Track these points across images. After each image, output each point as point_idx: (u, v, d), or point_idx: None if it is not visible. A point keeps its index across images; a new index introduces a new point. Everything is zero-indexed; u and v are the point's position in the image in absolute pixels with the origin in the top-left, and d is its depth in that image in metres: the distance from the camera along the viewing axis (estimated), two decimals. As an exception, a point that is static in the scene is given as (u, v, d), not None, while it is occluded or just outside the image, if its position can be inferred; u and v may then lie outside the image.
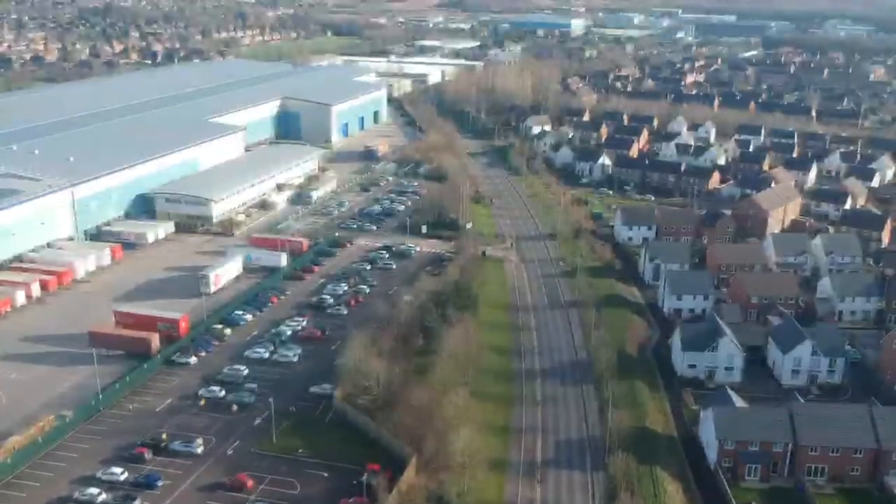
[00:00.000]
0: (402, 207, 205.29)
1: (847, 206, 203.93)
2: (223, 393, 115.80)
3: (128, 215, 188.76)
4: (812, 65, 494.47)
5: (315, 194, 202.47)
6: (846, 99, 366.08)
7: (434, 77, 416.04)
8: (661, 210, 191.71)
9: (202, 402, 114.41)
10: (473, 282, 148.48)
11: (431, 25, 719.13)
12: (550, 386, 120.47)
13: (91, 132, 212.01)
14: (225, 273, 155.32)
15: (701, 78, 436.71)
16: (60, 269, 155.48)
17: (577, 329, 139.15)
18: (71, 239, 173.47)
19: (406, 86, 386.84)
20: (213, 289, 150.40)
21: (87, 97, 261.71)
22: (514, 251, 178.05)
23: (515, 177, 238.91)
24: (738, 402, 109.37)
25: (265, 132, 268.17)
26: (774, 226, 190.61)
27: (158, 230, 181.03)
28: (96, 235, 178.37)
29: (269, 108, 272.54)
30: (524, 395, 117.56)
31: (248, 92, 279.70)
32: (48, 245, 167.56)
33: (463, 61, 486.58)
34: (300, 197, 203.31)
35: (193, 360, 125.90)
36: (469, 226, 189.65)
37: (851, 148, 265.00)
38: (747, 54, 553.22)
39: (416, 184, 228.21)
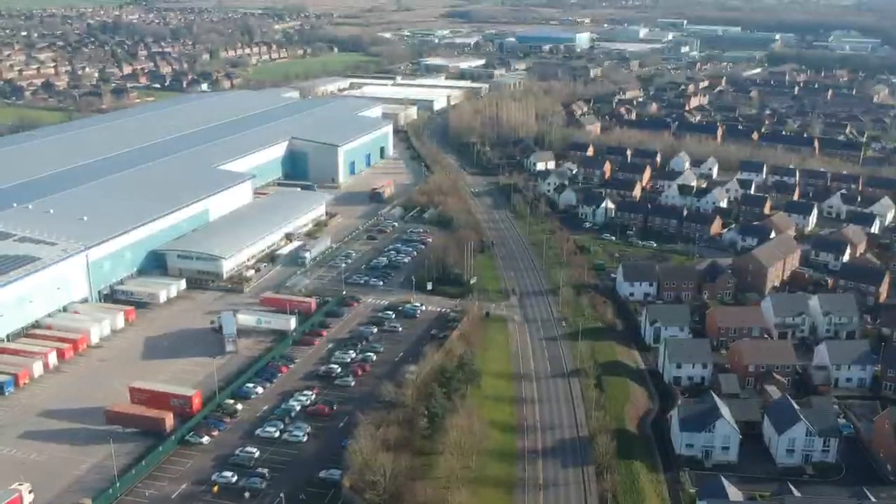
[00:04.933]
0: (407, 259, 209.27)
1: (846, 257, 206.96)
2: (235, 478, 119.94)
3: (140, 272, 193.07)
4: (816, 85, 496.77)
5: (309, 255, 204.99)
6: (849, 126, 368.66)
7: (440, 102, 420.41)
8: (661, 267, 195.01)
9: (215, 489, 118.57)
10: (476, 353, 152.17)
11: (437, 41, 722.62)
12: (552, 468, 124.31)
13: (103, 186, 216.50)
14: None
15: (705, 101, 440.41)
16: (76, 337, 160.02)
17: (578, 402, 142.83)
18: (85, 300, 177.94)
19: (412, 113, 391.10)
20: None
21: (98, 141, 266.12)
22: (518, 309, 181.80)
23: (519, 220, 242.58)
24: (732, 491, 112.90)
25: (274, 174, 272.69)
26: (774, 278, 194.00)
27: (171, 288, 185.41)
28: (109, 295, 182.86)
29: (278, 150, 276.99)
30: (526, 478, 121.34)
31: (257, 133, 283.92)
32: (64, 309, 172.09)
33: (468, 83, 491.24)
34: (296, 258, 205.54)
35: (206, 439, 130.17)
36: (474, 280, 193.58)
37: (853, 187, 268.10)
38: (751, 73, 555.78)
39: (421, 230, 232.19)
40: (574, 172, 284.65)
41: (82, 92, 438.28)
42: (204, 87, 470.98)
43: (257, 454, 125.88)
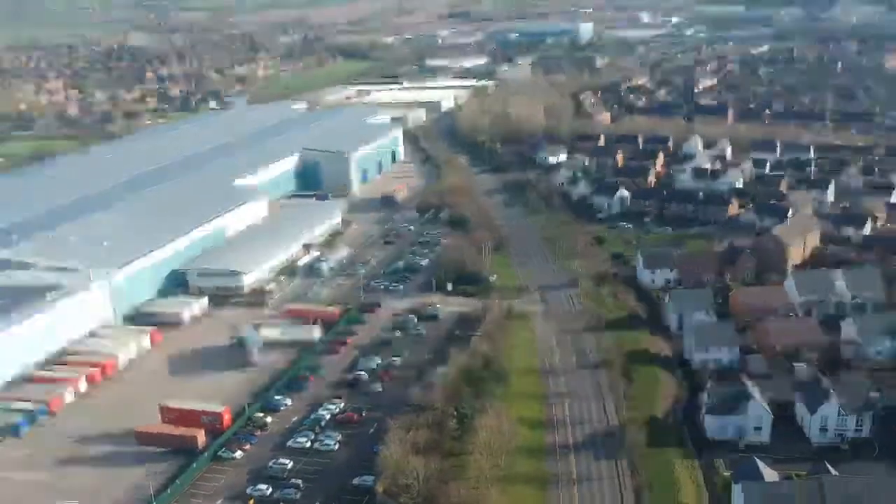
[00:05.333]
0: (425, 262, 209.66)
1: (868, 230, 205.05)
2: (270, 490, 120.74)
3: (162, 293, 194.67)
4: (825, 58, 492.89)
5: (326, 265, 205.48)
6: (861, 97, 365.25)
7: (447, 103, 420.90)
8: (681, 252, 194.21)
9: (251, 502, 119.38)
10: (502, 351, 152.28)
11: (440, 42, 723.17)
12: (584, 462, 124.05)
13: (121, 210, 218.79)
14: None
15: (714, 82, 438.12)
16: (104, 361, 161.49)
17: (607, 393, 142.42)
18: (110, 324, 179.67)
19: (420, 115, 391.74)
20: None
21: (112, 166, 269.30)
22: (539, 304, 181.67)
23: (534, 216, 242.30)
24: (767, 472, 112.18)
25: (287, 186, 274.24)
26: (795, 257, 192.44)
27: (193, 307, 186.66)
28: (134, 318, 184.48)
29: (290, 162, 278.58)
30: (559, 474, 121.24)
31: (269, 146, 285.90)
32: (90, 334, 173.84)
33: (474, 81, 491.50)
34: (312, 269, 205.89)
35: (239, 454, 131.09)
36: (493, 278, 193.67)
37: (869, 157, 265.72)
38: (759, 51, 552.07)
39: (437, 232, 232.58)
40: (586, 164, 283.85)
41: (94, 118, 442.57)
42: (212, 105, 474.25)
43: (290, 465, 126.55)
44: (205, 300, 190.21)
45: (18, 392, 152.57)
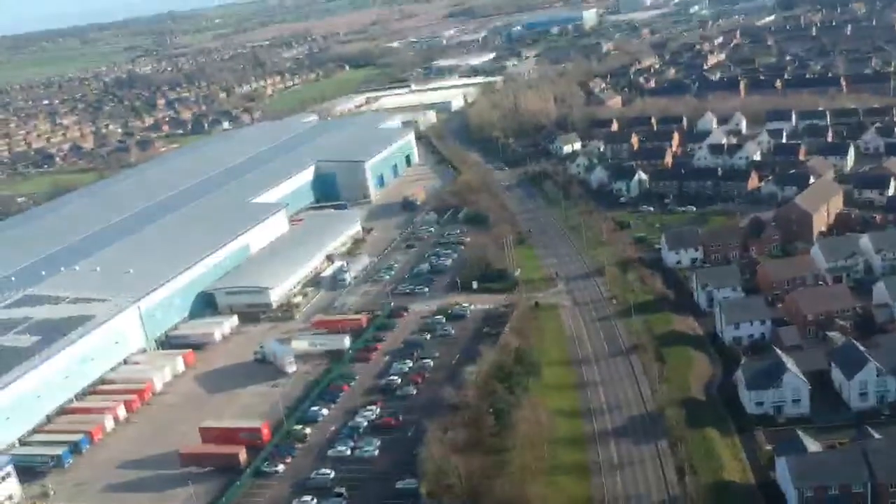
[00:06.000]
0: (448, 262, 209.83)
1: (891, 191, 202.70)
2: (315, 501, 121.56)
3: (192, 315, 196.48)
4: (833, 22, 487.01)
5: (349, 276, 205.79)
6: (873, 59, 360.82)
7: (457, 102, 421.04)
8: (704, 230, 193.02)
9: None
10: (532, 345, 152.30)
11: (445, 42, 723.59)
12: (625, 447, 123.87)
13: (144, 237, 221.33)
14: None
15: (722, 57, 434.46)
16: (141, 387, 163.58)
17: (641, 377, 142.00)
18: (143, 350, 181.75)
19: (431, 117, 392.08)
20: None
21: (131, 195, 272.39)
22: (566, 294, 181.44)
23: (553, 207, 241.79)
24: (811, 444, 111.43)
25: (305, 199, 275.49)
26: (820, 224, 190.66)
27: (224, 326, 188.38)
28: (166, 342, 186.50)
29: (306, 175, 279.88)
30: (600, 460, 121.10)
31: (283, 162, 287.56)
32: (125, 362, 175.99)
33: (482, 78, 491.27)
34: (335, 280, 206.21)
35: (281, 467, 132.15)
36: (517, 273, 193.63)
37: (887, 119, 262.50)
38: (765, 21, 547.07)
39: (458, 231, 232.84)
40: (601, 150, 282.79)
41: (109, 150, 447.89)
42: (225, 125, 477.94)
43: (333, 475, 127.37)
44: (234, 318, 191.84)
45: (59, 424, 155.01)
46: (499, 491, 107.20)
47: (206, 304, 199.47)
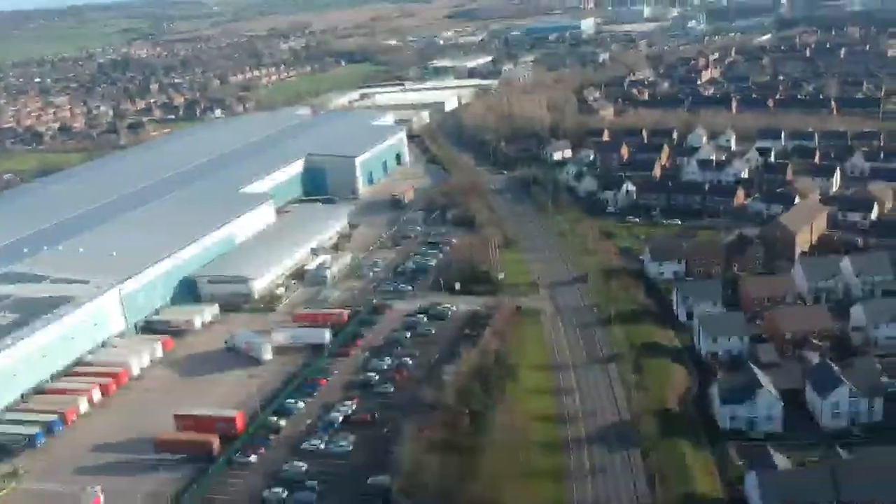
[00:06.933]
0: (433, 262, 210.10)
1: (874, 215, 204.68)
2: (285, 493, 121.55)
3: (173, 301, 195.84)
4: (828, 45, 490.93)
5: (329, 273, 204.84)
6: (865, 83, 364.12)
7: (451, 103, 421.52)
8: (688, 244, 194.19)
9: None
10: (512, 348, 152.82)
11: (442, 43, 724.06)
12: (598, 454, 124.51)
13: (129, 220, 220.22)
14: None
15: (716, 73, 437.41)
16: (117, 370, 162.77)
17: (618, 386, 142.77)
18: (122, 334, 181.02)
19: (424, 117, 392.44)
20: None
21: (119, 177, 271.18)
22: (549, 300, 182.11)
23: (541, 213, 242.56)
24: (781, 460, 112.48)
25: (293, 192, 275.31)
26: (803, 244, 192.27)
27: (204, 314, 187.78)
28: (146, 326, 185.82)
29: (295, 168, 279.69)
30: (573, 467, 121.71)
31: (274, 153, 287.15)
32: (103, 344, 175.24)
33: (478, 81, 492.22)
34: (316, 276, 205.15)
35: (253, 458, 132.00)
36: (501, 276, 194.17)
37: (875, 143, 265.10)
38: (761, 39, 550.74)
39: (444, 231, 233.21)
40: (592, 159, 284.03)
41: (99, 131, 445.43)
42: (217, 113, 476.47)
43: (305, 467, 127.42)
44: (216, 307, 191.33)
45: (33, 404, 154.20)
46: (471, 492, 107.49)
47: (188, 292, 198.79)
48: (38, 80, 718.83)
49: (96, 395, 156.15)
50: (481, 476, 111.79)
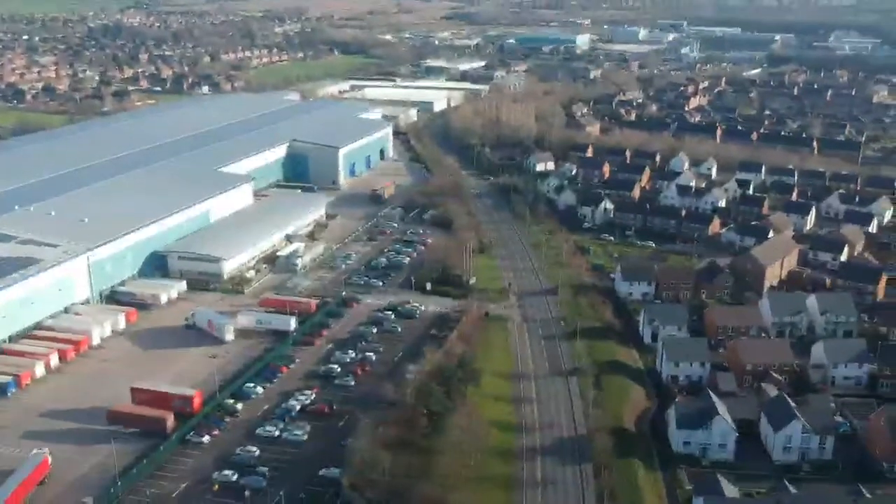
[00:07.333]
0: (407, 260, 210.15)
1: (844, 257, 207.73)
2: (236, 477, 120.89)
3: (141, 273, 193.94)
4: (816, 85, 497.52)
5: (300, 261, 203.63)
6: (848, 127, 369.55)
7: (440, 104, 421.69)
8: (660, 267, 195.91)
9: (216, 487, 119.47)
10: (476, 353, 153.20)
11: (438, 43, 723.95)
12: (551, 465, 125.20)
13: (104, 188, 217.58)
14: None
15: (705, 101, 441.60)
16: (77, 338, 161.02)
17: (577, 401, 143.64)
18: (87, 302, 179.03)
19: (412, 115, 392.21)
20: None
21: (99, 144, 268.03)
22: (517, 309, 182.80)
23: (519, 221, 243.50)
24: (729, 488, 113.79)
25: (274, 176, 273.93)
26: (772, 278, 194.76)
27: (171, 290, 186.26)
28: (111, 297, 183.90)
29: (278, 152, 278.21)
30: (525, 478, 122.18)
31: (257, 135, 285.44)
32: (65, 310, 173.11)
33: (469, 84, 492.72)
34: (287, 263, 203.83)
35: (207, 438, 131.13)
36: (473, 280, 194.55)
37: (852, 186, 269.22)
38: (751, 73, 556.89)
39: (421, 231, 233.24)
40: (573, 173, 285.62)
41: (83, 95, 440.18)
42: (205, 89, 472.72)
43: (258, 453, 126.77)
44: (183, 284, 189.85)
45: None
46: (422, 493, 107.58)
47: (157, 266, 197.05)
48: (25, 37, 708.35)
49: (54, 361, 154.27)
50: (433, 477, 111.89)
